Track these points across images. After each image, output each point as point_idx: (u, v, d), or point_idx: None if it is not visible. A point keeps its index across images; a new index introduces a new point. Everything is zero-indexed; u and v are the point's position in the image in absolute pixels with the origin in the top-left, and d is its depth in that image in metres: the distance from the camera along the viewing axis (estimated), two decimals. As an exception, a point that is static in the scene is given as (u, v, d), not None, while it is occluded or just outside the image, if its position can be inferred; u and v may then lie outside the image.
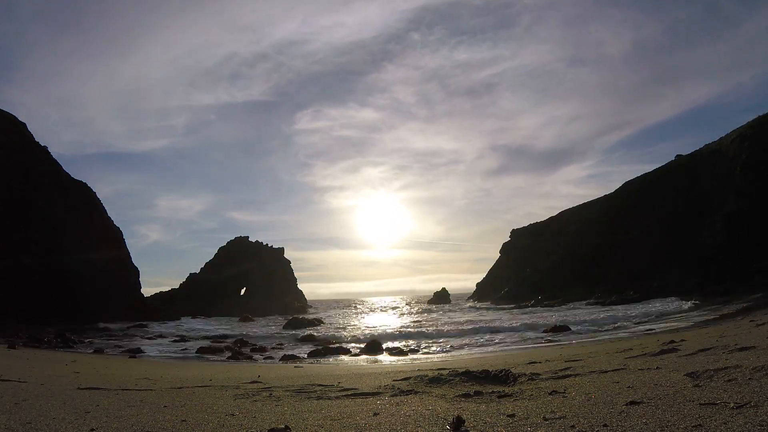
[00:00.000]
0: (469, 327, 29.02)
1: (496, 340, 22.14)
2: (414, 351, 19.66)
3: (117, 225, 58.88)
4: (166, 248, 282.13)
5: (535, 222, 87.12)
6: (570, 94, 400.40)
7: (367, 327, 34.66)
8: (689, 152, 55.18)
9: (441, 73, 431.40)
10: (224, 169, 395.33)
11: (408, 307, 79.25)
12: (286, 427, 4.34)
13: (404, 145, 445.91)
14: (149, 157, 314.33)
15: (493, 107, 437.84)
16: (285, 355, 19.82)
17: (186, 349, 23.48)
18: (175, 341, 28.09)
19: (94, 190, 57.87)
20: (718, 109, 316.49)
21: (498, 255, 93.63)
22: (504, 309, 52.79)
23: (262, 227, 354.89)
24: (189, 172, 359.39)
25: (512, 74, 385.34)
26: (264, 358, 19.58)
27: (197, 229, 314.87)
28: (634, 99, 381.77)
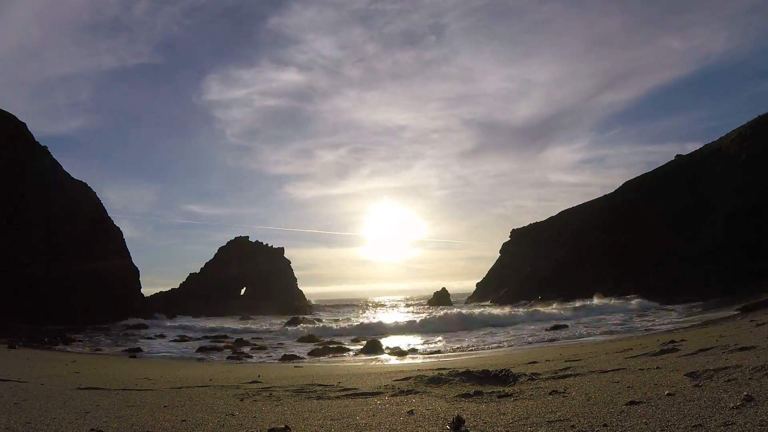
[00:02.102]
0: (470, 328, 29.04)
1: (496, 340, 22.13)
2: (414, 351, 19.65)
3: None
4: (143, 246, 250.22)
5: (535, 222, 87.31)
6: (543, 46, 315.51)
7: (369, 328, 34.63)
8: (690, 151, 55.36)
9: (363, 11, 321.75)
10: (154, 152, 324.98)
11: (411, 309, 79.18)
12: (286, 427, 4.34)
13: (349, 120, 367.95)
14: (72, 141, 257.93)
15: (448, 65, 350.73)
16: (285, 355, 19.80)
17: (186, 349, 23.48)
18: (175, 341, 28.09)
19: (94, 190, 57.96)
20: (736, 67, 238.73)
21: (492, 254, 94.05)
22: (505, 309, 52.81)
23: (230, 223, 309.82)
24: (121, 157, 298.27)
25: (462, 11, 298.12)
26: (264, 358, 19.58)
27: (167, 225, 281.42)
28: (628, 53, 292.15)
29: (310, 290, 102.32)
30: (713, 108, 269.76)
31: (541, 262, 68.06)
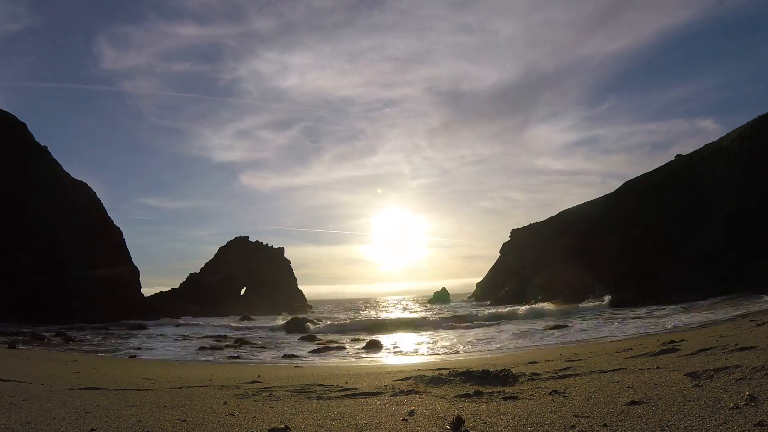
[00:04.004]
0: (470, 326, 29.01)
1: (497, 340, 22.13)
2: (414, 351, 19.66)
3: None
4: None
5: (534, 222, 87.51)
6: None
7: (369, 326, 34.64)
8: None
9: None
10: (79, 139, 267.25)
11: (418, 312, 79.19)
12: (286, 427, 4.34)
13: (278, 92, 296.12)
14: None
15: (381, 11, 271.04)
16: (285, 354, 19.80)
17: (186, 349, 23.47)
18: (175, 341, 28.08)
19: (93, 190, 57.97)
20: (762, 11, 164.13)
21: (486, 252, 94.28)
22: (505, 309, 52.83)
23: (194, 218, 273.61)
24: (51, 147, 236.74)
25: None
26: (264, 358, 19.57)
27: (134, 221, 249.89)
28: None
29: (304, 290, 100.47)
30: (732, 70, 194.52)
31: (541, 263, 68.10)
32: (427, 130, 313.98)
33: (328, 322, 40.72)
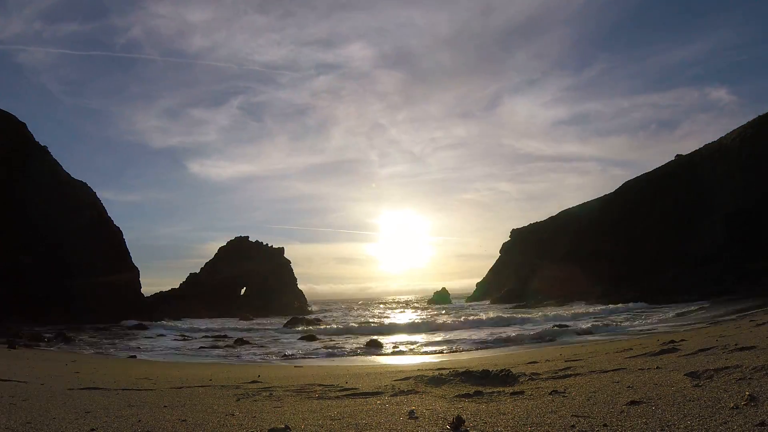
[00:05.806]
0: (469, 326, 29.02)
1: (496, 340, 22.12)
2: (414, 351, 19.65)
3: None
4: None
5: (534, 222, 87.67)
6: None
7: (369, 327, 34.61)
8: (690, 151, 55.71)
9: None
10: None
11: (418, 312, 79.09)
12: (286, 427, 4.34)
13: (185, 56, 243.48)
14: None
15: None
16: (285, 354, 19.80)
17: (186, 348, 23.47)
18: (175, 341, 28.08)
19: (93, 190, 57.96)
20: None
21: (480, 251, 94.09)
22: (504, 309, 52.85)
23: (160, 213, 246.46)
24: None
25: None
26: (264, 358, 19.57)
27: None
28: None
29: (310, 290, 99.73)
30: (752, 25, 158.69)
31: (541, 263, 68.13)
32: (384, 104, 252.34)
33: (328, 322, 40.76)
